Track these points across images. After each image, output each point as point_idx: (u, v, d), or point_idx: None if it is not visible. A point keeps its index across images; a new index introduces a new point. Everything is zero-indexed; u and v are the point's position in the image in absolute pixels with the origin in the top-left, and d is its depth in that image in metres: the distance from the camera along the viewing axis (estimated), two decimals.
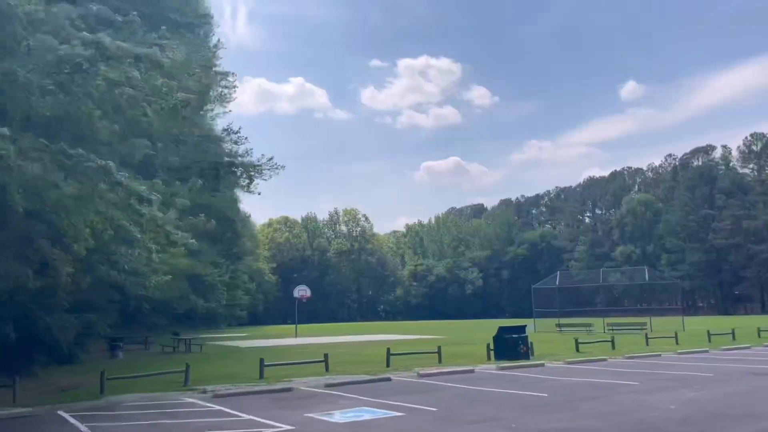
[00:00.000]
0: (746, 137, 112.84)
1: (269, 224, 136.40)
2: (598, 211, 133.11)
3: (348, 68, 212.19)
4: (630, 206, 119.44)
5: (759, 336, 35.87)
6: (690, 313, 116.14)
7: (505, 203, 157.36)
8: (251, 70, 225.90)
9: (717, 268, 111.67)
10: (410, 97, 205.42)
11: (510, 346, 21.75)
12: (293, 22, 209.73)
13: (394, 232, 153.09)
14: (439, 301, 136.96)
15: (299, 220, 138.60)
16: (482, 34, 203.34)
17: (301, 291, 43.48)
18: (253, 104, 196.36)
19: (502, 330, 22.60)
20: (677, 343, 30.63)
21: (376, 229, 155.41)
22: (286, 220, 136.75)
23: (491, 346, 22.92)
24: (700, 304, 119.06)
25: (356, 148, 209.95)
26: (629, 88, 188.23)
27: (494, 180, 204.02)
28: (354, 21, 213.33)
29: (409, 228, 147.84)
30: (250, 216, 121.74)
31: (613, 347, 28.01)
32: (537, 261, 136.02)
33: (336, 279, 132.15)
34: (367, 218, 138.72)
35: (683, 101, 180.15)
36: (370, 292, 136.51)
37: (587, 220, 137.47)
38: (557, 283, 49.23)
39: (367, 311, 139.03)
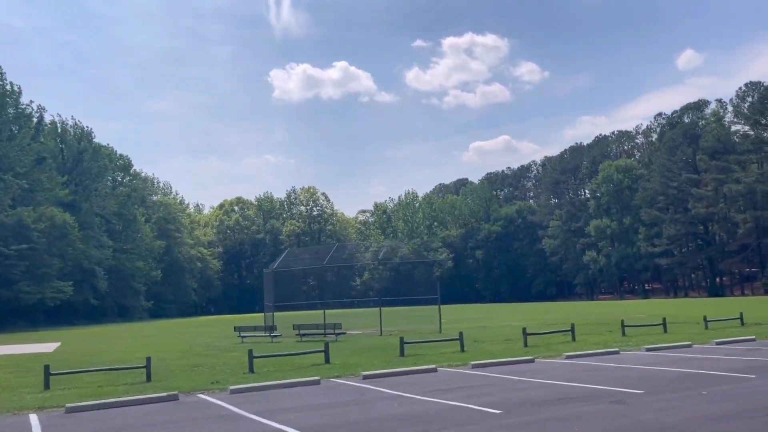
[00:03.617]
0: (740, 87, 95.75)
1: (221, 206, 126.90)
2: (576, 181, 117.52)
3: (391, 50, 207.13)
4: (606, 174, 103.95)
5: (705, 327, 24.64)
6: (680, 294, 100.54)
7: (488, 178, 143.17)
8: (296, 57, 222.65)
9: (704, 241, 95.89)
10: (456, 76, 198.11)
11: None
12: (335, 6, 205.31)
13: (363, 211, 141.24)
14: (406, 286, 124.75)
15: (254, 201, 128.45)
16: (529, 6, 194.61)
17: None
18: (299, 91, 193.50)
19: None
20: (575, 340, 21.44)
21: (348, 210, 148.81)
22: (239, 201, 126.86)
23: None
24: (688, 284, 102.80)
25: (403, 130, 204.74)
26: (687, 57, 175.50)
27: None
28: (395, 2, 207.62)
29: (377, 206, 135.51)
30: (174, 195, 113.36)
31: (463, 348, 19.67)
32: (514, 239, 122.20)
33: (290, 264, 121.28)
34: (327, 197, 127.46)
35: (746, 67, 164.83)
36: (330, 277, 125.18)
37: (570, 192, 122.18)
38: (274, 267, 36.87)
39: (330, 298, 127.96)
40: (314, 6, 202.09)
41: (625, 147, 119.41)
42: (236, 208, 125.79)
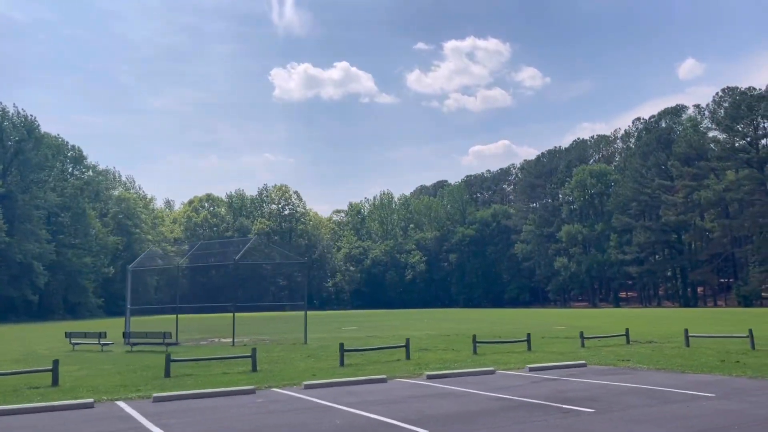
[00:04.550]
0: (717, 93, 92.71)
1: (190, 202, 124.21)
2: (552, 186, 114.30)
3: (393, 52, 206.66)
4: (579, 178, 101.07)
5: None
6: (653, 304, 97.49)
7: (467, 180, 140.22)
8: (297, 56, 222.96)
9: (676, 250, 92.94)
10: (457, 79, 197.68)
11: None
12: (337, 6, 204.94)
13: (338, 211, 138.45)
14: (377, 288, 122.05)
15: (224, 198, 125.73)
16: (532, 12, 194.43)
17: None
18: (300, 90, 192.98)
19: None
20: (408, 358, 18.61)
21: (321, 209, 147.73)
22: (209, 198, 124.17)
23: None
24: (663, 293, 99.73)
25: (404, 132, 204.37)
26: (688, 66, 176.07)
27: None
28: (397, 3, 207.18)
29: (351, 207, 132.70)
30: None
31: (255, 368, 16.99)
32: (488, 243, 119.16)
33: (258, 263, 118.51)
34: (299, 196, 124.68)
35: (747, 77, 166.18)
36: (300, 278, 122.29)
37: (548, 197, 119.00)
38: (130, 266, 33.80)
39: (299, 299, 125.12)
40: (317, 5, 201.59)
41: (603, 152, 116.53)
42: (206, 204, 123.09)
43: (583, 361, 16.45)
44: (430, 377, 14.15)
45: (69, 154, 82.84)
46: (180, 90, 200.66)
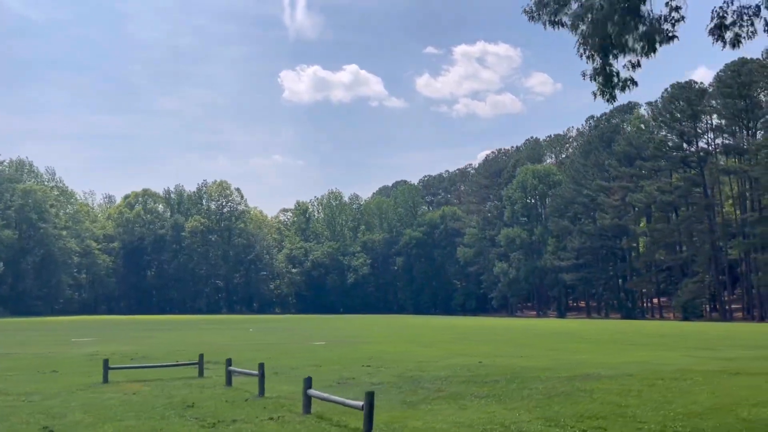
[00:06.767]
0: (666, 89, 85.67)
1: (126, 197, 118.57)
2: (496, 187, 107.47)
3: (402, 55, 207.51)
4: (522, 179, 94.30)
5: None
6: (600, 314, 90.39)
7: (424, 181, 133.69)
8: (307, 59, 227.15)
9: (617, 257, 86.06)
10: (467, 84, 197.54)
11: None
12: (349, 10, 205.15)
13: (284, 210, 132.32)
14: (319, 292, 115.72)
15: (161, 194, 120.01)
16: None
17: None
18: (309, 92, 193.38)
19: None
20: None
21: (264, 208, 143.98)
22: (145, 193, 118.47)
23: None
24: (616, 303, 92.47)
25: (412, 136, 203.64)
26: (700, 75, 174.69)
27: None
28: (407, 8, 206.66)
29: (299, 205, 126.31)
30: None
31: None
32: (435, 246, 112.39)
33: (192, 263, 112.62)
34: (240, 193, 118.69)
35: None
36: (237, 279, 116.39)
37: (494, 198, 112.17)
38: None
39: (238, 302, 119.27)
40: (328, 9, 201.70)
41: (557, 152, 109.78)
42: (141, 200, 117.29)
43: None
44: None
45: None
46: (189, 91, 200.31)
